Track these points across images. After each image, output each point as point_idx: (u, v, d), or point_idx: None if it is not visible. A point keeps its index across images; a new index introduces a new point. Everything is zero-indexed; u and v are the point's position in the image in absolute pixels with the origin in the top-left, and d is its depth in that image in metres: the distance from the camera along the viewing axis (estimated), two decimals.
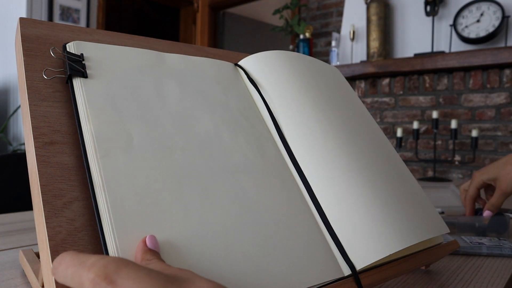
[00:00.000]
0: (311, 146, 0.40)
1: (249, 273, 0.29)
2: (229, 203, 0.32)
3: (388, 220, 0.36)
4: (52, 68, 0.34)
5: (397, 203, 0.38)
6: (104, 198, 0.28)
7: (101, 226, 0.27)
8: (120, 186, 0.29)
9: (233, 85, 0.43)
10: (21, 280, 0.43)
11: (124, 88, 0.35)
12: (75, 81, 0.33)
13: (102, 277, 0.20)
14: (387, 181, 0.40)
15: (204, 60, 0.43)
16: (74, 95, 0.32)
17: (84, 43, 0.36)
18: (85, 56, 0.35)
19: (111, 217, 0.27)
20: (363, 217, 0.36)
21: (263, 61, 0.47)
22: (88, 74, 0.34)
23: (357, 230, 0.35)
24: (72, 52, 0.35)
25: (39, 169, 0.28)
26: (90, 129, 0.30)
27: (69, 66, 0.33)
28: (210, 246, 0.29)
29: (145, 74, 0.37)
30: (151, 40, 0.43)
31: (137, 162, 0.30)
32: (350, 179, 0.38)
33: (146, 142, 0.32)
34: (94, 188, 0.28)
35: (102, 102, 0.32)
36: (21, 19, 0.35)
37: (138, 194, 0.29)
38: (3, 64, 2.79)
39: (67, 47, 0.35)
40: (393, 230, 0.36)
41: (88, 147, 0.30)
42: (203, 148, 0.35)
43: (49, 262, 0.25)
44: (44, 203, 0.27)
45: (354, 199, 0.37)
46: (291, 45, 2.96)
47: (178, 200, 0.30)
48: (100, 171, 0.29)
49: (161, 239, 0.27)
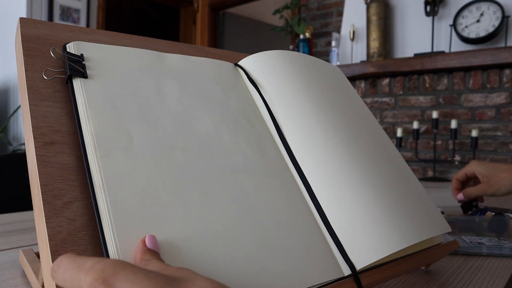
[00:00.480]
0: (311, 146, 0.40)
1: (249, 273, 0.29)
2: (229, 203, 0.32)
3: (388, 219, 0.36)
4: (52, 69, 0.34)
5: (398, 203, 0.38)
6: (104, 198, 0.28)
7: (101, 226, 0.27)
8: (120, 186, 0.29)
9: (233, 85, 0.43)
10: (21, 280, 0.43)
11: (124, 88, 0.35)
12: (75, 81, 0.33)
13: (100, 280, 0.20)
14: (388, 181, 0.40)
15: (204, 60, 0.43)
16: (74, 95, 0.32)
17: (84, 43, 0.36)
18: (85, 57, 0.35)
19: (111, 217, 0.27)
20: (363, 217, 0.36)
21: (263, 61, 0.46)
22: (88, 74, 0.34)
23: (357, 230, 0.35)
24: (72, 53, 0.35)
25: (39, 169, 0.28)
26: (90, 129, 0.30)
27: (69, 67, 0.33)
28: (210, 246, 0.29)
29: (145, 74, 0.37)
30: (151, 40, 0.43)
31: (137, 162, 0.30)
32: (350, 178, 0.38)
33: (146, 142, 0.32)
34: (94, 188, 0.28)
35: (102, 102, 0.32)
36: (21, 19, 0.35)
37: (138, 194, 0.29)
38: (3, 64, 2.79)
39: (67, 48, 0.35)
40: (394, 230, 0.36)
41: (88, 147, 0.30)
42: (203, 148, 0.35)
43: (49, 262, 0.25)
44: (44, 203, 0.27)
45: (354, 199, 0.37)
46: (291, 45, 2.96)
47: (178, 200, 0.30)
48: (100, 171, 0.29)
49: (161, 238, 0.27)
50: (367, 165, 0.40)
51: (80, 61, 0.34)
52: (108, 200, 0.27)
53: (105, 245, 0.26)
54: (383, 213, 0.36)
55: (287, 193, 0.36)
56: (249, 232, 0.31)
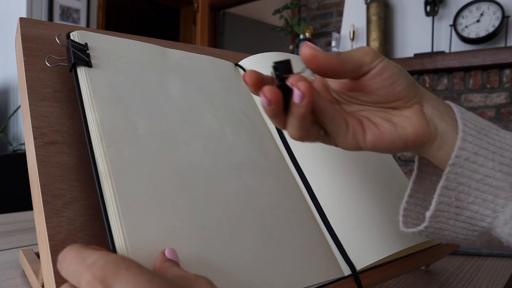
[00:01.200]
0: (311, 146, 0.40)
1: (250, 271, 0.29)
2: (233, 197, 0.32)
3: (388, 220, 0.36)
4: (55, 56, 0.33)
5: (398, 203, 0.38)
6: (110, 186, 0.27)
7: (107, 214, 0.26)
8: (126, 174, 0.28)
9: (234, 84, 0.43)
10: (21, 280, 0.43)
11: (129, 80, 0.34)
12: (79, 70, 0.32)
13: (99, 279, 0.19)
14: (387, 181, 0.40)
15: (205, 58, 0.43)
16: (79, 84, 0.32)
17: (88, 33, 0.35)
18: (89, 46, 0.34)
19: (117, 205, 0.26)
20: (363, 217, 0.36)
21: (263, 62, 0.46)
22: (92, 63, 0.33)
23: (357, 230, 0.35)
24: (77, 41, 0.34)
25: (39, 169, 0.28)
26: (95, 118, 0.30)
27: (74, 54, 0.33)
28: (214, 239, 0.29)
29: (149, 67, 0.37)
30: (151, 40, 0.43)
31: (142, 153, 0.30)
32: (350, 178, 0.38)
33: (151, 134, 0.32)
34: (99, 178, 0.28)
35: (106, 92, 0.32)
36: (21, 19, 0.35)
37: (144, 183, 0.29)
38: (3, 64, 2.79)
39: (71, 36, 0.34)
40: (394, 231, 0.36)
41: (93, 136, 0.29)
42: (207, 143, 0.35)
43: (49, 262, 0.25)
44: (44, 203, 0.27)
45: (354, 199, 0.36)
46: (291, 45, 2.96)
47: (183, 192, 0.30)
48: (106, 159, 0.28)
49: (166, 229, 0.27)
50: (366, 164, 0.40)
51: (84, 50, 0.34)
52: (114, 188, 0.27)
53: (111, 232, 0.26)
54: (383, 213, 0.36)
55: (288, 192, 0.36)
56: (252, 229, 0.31)
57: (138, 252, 0.25)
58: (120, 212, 0.26)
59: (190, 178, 0.31)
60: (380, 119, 0.29)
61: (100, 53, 0.34)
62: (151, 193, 0.28)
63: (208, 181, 0.32)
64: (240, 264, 0.29)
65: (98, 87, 0.32)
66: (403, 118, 0.28)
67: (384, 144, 0.28)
